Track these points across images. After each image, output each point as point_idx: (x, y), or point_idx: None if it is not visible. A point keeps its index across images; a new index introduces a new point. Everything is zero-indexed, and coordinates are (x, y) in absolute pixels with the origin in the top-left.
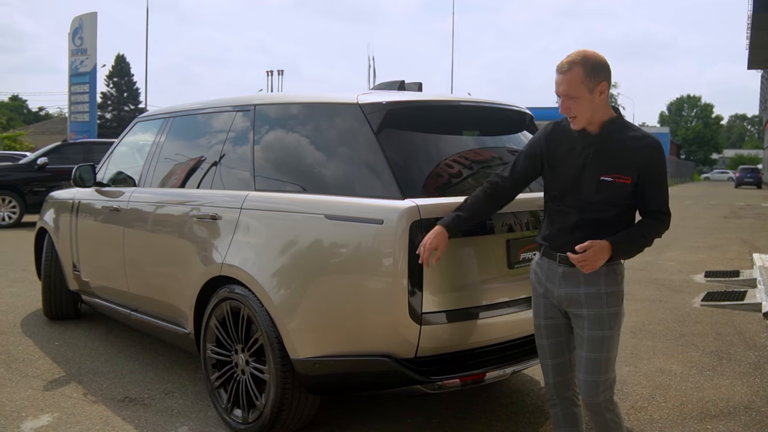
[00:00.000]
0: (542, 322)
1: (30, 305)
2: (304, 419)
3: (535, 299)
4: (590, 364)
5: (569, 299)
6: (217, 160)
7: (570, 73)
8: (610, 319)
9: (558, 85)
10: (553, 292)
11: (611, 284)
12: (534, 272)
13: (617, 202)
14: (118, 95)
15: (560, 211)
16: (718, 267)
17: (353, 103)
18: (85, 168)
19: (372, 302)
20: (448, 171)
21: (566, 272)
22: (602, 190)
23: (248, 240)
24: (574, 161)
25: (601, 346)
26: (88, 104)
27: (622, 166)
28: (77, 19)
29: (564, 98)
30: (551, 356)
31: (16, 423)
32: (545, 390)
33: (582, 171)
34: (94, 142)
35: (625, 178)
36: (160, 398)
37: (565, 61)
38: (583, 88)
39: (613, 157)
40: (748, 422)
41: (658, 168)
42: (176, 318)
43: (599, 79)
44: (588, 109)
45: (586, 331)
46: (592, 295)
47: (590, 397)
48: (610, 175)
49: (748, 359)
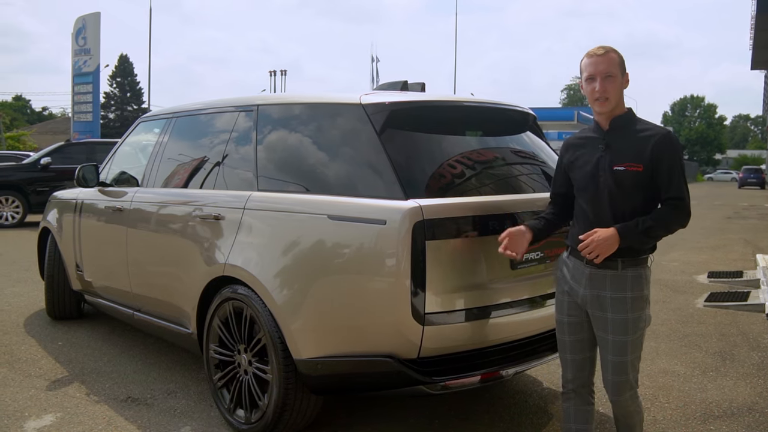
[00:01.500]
0: (565, 319)
1: (33, 305)
2: (307, 419)
3: (560, 296)
4: (616, 367)
5: (593, 301)
6: (220, 160)
7: (608, 55)
8: (634, 323)
9: (597, 65)
10: (578, 292)
11: (637, 289)
12: (561, 269)
13: (632, 192)
14: (121, 95)
15: (582, 210)
16: (721, 267)
17: (356, 104)
18: (89, 168)
19: (375, 303)
20: (451, 171)
21: (593, 274)
22: (617, 180)
23: (251, 240)
24: (590, 158)
25: (626, 349)
26: (92, 104)
27: (633, 155)
28: (80, 20)
29: (602, 79)
30: (571, 352)
31: (19, 423)
32: (562, 384)
33: (597, 166)
34: (98, 142)
35: (637, 166)
36: (163, 398)
37: (599, 47)
38: (618, 70)
39: (623, 148)
40: (751, 423)
41: (668, 156)
42: (179, 318)
43: (625, 69)
44: (618, 92)
45: (611, 335)
46: (618, 299)
47: (617, 395)
48: (622, 165)
49: (752, 360)
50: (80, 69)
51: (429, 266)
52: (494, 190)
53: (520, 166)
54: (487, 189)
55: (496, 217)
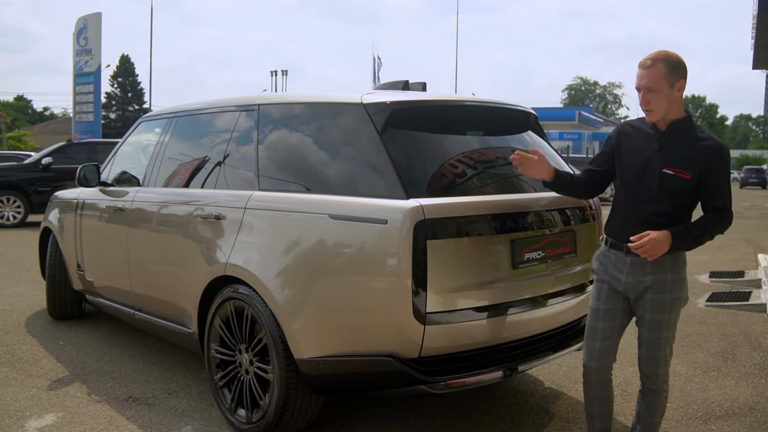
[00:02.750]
0: (602, 306)
1: (34, 305)
2: (308, 419)
3: (599, 284)
4: (650, 342)
5: (636, 286)
6: (221, 159)
7: (653, 68)
8: (672, 303)
9: (640, 78)
10: (620, 280)
11: (675, 272)
12: (599, 262)
13: (677, 197)
14: (122, 95)
15: (622, 202)
16: (722, 267)
17: (357, 103)
18: (90, 168)
19: (376, 302)
20: (453, 171)
21: (633, 261)
22: (663, 183)
23: (252, 240)
24: (640, 155)
25: (661, 326)
26: (93, 104)
27: (684, 162)
28: (82, 20)
29: (645, 91)
30: (602, 338)
31: (21, 422)
32: (585, 371)
33: (646, 164)
34: (99, 142)
35: (685, 174)
36: (164, 398)
37: (649, 57)
38: (664, 82)
39: (676, 153)
40: (753, 423)
41: (718, 169)
42: (180, 318)
43: (678, 76)
44: (665, 103)
45: (648, 313)
46: (658, 282)
47: (651, 368)
48: (671, 169)
49: (753, 360)
50: (81, 69)
51: (430, 266)
52: (495, 190)
53: None
54: (488, 188)
55: (497, 217)
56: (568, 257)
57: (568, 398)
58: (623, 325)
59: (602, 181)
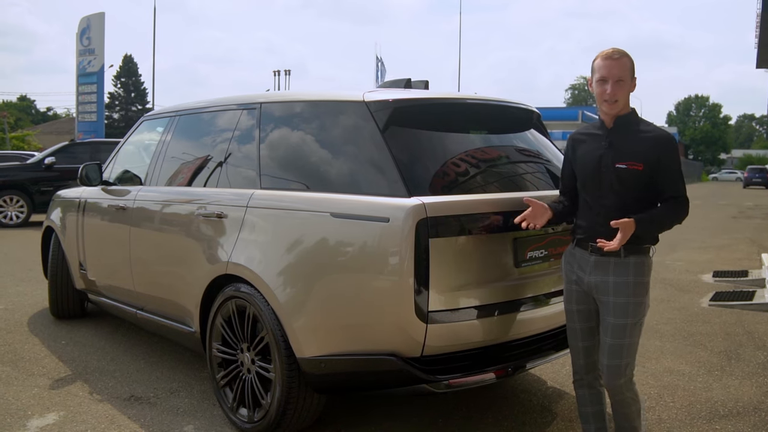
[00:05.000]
0: (574, 308)
1: (37, 304)
2: (310, 418)
3: (568, 286)
4: (613, 350)
5: (598, 287)
6: (223, 158)
7: (622, 60)
8: (635, 307)
9: (610, 68)
10: (584, 279)
11: (638, 275)
12: (567, 262)
13: (633, 189)
14: (125, 95)
15: (586, 203)
16: (726, 267)
17: (359, 101)
18: (92, 167)
19: (378, 301)
20: (455, 169)
21: (597, 261)
22: (618, 177)
23: (254, 238)
24: (593, 154)
25: (624, 332)
26: (96, 104)
27: (634, 155)
28: (85, 20)
29: (615, 82)
30: (582, 339)
31: (23, 421)
32: (574, 371)
33: (599, 161)
34: (102, 141)
35: (637, 165)
36: (166, 397)
37: (614, 50)
38: (628, 75)
39: (625, 147)
40: (757, 423)
41: (667, 157)
42: (182, 317)
43: (634, 73)
44: (627, 95)
45: (611, 318)
46: (620, 284)
47: (613, 380)
48: (623, 163)
49: (757, 359)
50: (84, 69)
51: (432, 264)
52: (498, 188)
53: (524, 164)
54: (490, 187)
55: (499, 215)
56: None
57: (571, 397)
58: (598, 325)
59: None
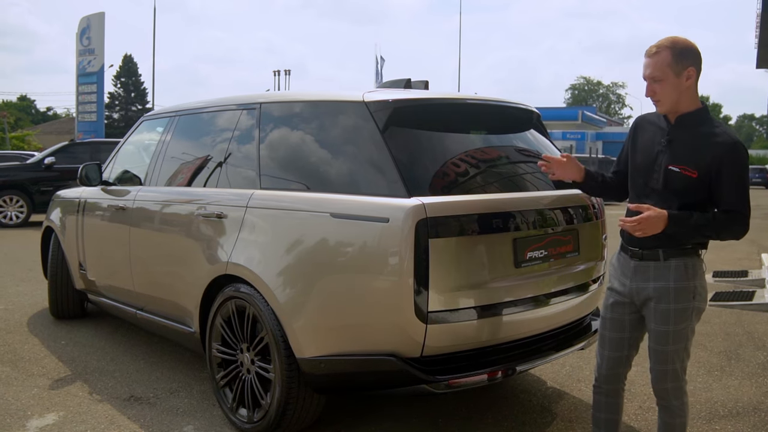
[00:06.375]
0: (608, 315)
1: (36, 304)
2: (310, 419)
3: (608, 291)
4: (657, 355)
5: (639, 292)
6: (223, 158)
7: (657, 56)
8: (677, 314)
9: (645, 68)
10: (626, 284)
11: (680, 279)
12: (612, 266)
13: (683, 196)
14: (125, 95)
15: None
16: (726, 267)
17: (359, 101)
18: (92, 167)
19: (378, 301)
20: (455, 169)
21: (637, 266)
22: (668, 180)
23: (254, 238)
24: (651, 150)
25: (666, 339)
26: (96, 104)
27: (691, 159)
28: (85, 20)
29: (649, 81)
30: (609, 349)
31: (22, 422)
32: (595, 376)
33: (654, 160)
34: (102, 141)
35: (692, 171)
36: (166, 397)
37: (655, 45)
38: (669, 71)
39: (684, 149)
40: (756, 423)
41: (729, 166)
42: (182, 317)
43: (686, 64)
44: (672, 93)
45: (653, 324)
46: (660, 290)
47: (658, 384)
48: (677, 166)
49: (757, 360)
50: (84, 69)
51: (432, 264)
52: (498, 189)
53: (524, 164)
54: (490, 187)
55: (499, 216)
56: (570, 256)
57: (571, 398)
58: (635, 337)
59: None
